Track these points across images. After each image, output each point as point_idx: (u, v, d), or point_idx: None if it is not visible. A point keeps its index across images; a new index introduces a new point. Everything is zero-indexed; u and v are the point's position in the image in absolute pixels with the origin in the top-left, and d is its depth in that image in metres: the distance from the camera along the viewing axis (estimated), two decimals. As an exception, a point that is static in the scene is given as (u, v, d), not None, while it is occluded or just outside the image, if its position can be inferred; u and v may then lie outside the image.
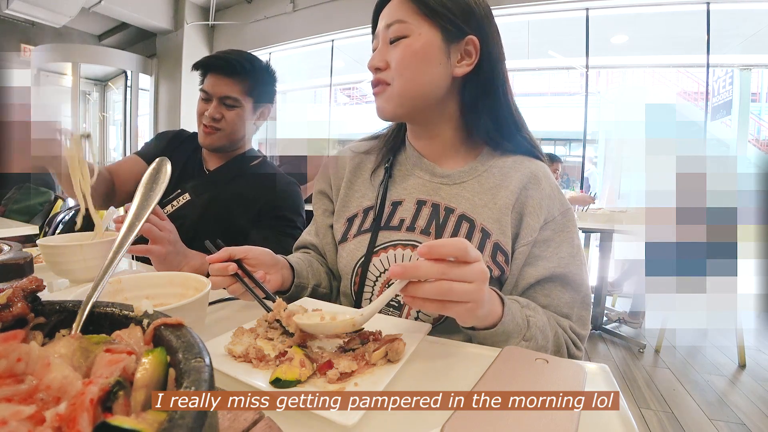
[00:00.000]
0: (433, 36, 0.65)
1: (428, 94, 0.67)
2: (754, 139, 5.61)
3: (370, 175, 0.79)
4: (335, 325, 0.44)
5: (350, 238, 0.75)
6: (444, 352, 0.50)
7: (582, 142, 4.29)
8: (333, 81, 5.43)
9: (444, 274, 0.42)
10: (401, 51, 0.65)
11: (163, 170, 0.43)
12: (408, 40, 0.65)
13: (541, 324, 0.58)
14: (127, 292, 0.52)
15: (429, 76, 0.66)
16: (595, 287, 2.79)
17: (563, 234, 0.67)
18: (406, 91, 0.66)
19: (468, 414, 0.33)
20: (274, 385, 0.37)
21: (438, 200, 0.71)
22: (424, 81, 0.66)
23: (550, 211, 0.67)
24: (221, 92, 1.10)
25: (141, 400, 0.18)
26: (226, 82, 1.10)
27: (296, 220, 1.14)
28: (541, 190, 0.68)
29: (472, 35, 0.66)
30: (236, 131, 1.14)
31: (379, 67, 0.67)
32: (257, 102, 1.17)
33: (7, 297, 0.24)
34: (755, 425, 1.67)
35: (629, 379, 2.09)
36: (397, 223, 0.72)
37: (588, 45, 4.07)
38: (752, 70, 4.90)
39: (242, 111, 1.13)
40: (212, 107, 1.10)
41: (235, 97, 1.10)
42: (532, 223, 0.66)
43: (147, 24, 5.38)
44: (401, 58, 0.65)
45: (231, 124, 1.12)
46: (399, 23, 0.65)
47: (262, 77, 1.16)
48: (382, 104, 0.69)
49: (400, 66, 0.65)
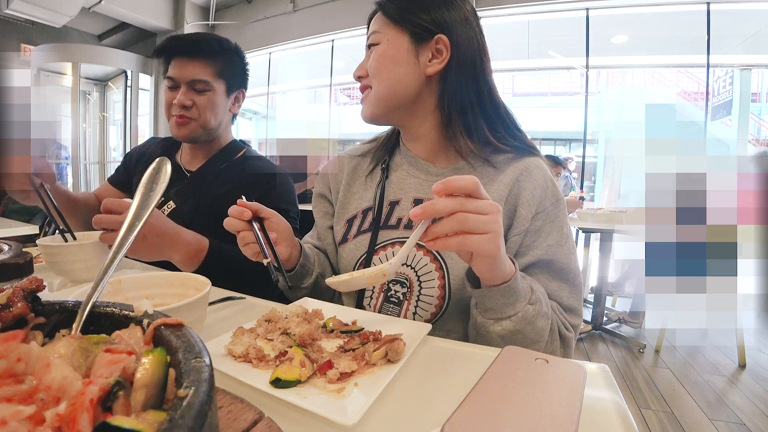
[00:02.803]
0: (400, 39, 0.69)
1: (401, 94, 0.70)
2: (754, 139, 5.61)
3: (365, 177, 0.81)
4: (367, 276, 0.48)
5: (350, 238, 0.77)
6: (444, 352, 0.50)
7: (582, 142, 4.29)
8: (333, 81, 5.43)
9: (461, 206, 0.45)
10: (373, 56, 0.70)
11: (163, 170, 0.43)
12: (379, 47, 0.70)
13: (542, 292, 0.59)
14: (127, 292, 0.52)
15: (399, 75, 0.69)
16: (595, 287, 2.79)
17: (553, 224, 0.68)
18: (380, 93, 0.70)
19: (468, 414, 0.33)
20: (274, 385, 0.37)
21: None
22: (395, 81, 0.69)
23: (542, 202, 0.69)
24: (189, 76, 1.01)
25: (141, 400, 0.18)
26: (193, 64, 1.01)
27: (290, 210, 1.07)
28: (534, 181, 0.69)
29: (442, 34, 0.68)
30: (210, 119, 1.05)
31: (361, 75, 0.73)
32: (230, 85, 1.09)
33: (7, 297, 0.24)
34: (755, 425, 1.67)
35: (629, 379, 2.09)
36: (395, 222, 0.74)
37: (588, 45, 4.06)
38: (752, 70, 4.90)
39: (214, 95, 1.04)
40: (181, 94, 1.01)
41: (205, 79, 1.01)
42: (524, 213, 0.68)
43: (147, 24, 5.38)
44: (373, 62, 0.70)
45: (204, 111, 1.03)
46: (374, 33, 0.71)
47: (232, 58, 1.08)
48: (363, 107, 0.74)
49: (373, 70, 0.70)
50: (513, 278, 0.53)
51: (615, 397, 0.40)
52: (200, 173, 1.10)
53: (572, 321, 0.64)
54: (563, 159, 4.21)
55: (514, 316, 0.54)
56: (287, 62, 5.58)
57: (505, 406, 0.34)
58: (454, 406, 0.34)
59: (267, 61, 5.51)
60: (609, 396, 0.40)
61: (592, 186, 5.67)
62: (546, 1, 3.91)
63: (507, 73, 5.73)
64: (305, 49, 5.36)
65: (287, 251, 0.68)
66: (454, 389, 0.39)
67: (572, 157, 4.69)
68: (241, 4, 5.49)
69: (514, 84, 8.34)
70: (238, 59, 1.11)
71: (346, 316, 0.55)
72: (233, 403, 0.28)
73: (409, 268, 0.70)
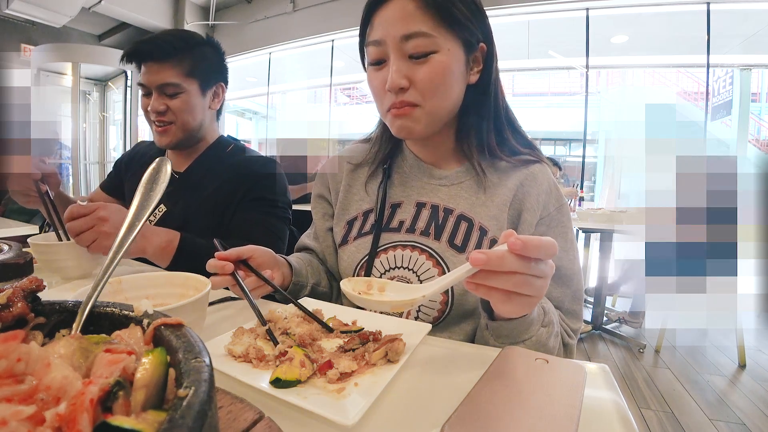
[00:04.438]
0: (459, 50, 0.62)
1: (453, 111, 0.67)
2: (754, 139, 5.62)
3: (367, 177, 0.79)
4: (395, 302, 0.46)
5: (350, 240, 0.75)
6: (444, 352, 0.50)
7: (582, 142, 4.29)
8: (333, 81, 5.44)
9: (527, 269, 0.40)
10: (432, 70, 0.60)
11: (163, 170, 0.43)
12: (439, 57, 0.60)
13: (553, 310, 0.58)
14: (127, 292, 0.52)
15: (457, 92, 0.65)
16: (595, 287, 2.79)
17: (557, 228, 0.67)
18: (437, 111, 0.64)
19: (468, 414, 0.33)
20: (274, 385, 0.37)
21: (437, 201, 0.72)
22: (453, 98, 0.65)
23: (546, 207, 0.68)
24: (158, 80, 0.97)
25: (141, 400, 0.18)
26: (160, 68, 0.97)
27: (278, 199, 1.05)
28: (538, 186, 0.69)
29: (484, 44, 0.66)
30: (189, 121, 1.02)
31: (404, 87, 0.61)
32: (204, 82, 1.04)
33: (7, 297, 0.24)
34: (755, 425, 1.67)
35: (629, 379, 2.09)
36: (397, 225, 0.72)
37: (588, 45, 4.07)
38: (752, 70, 4.90)
39: (188, 96, 1.00)
40: (153, 100, 0.98)
41: (174, 82, 0.98)
42: (529, 218, 0.67)
43: (147, 24, 5.38)
44: (433, 77, 0.60)
45: (180, 114, 1.00)
46: (423, 37, 0.59)
47: (202, 53, 1.03)
48: (411, 125, 0.65)
49: (431, 86, 0.61)
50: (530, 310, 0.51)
51: (615, 397, 0.40)
52: (188, 174, 1.08)
53: (573, 325, 0.64)
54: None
55: (528, 339, 0.53)
56: (287, 62, 5.59)
57: (505, 406, 0.34)
58: (454, 406, 0.34)
59: (267, 61, 5.52)
60: (609, 396, 0.40)
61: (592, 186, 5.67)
62: (546, 1, 3.91)
63: (507, 73, 5.73)
64: (305, 49, 5.37)
65: (279, 277, 0.65)
66: (454, 389, 0.39)
67: (560, 164, 4.70)
68: (241, 4, 5.49)
69: (514, 84, 8.34)
70: (211, 52, 1.06)
71: (346, 316, 0.55)
72: (233, 403, 0.28)
73: (411, 272, 0.68)
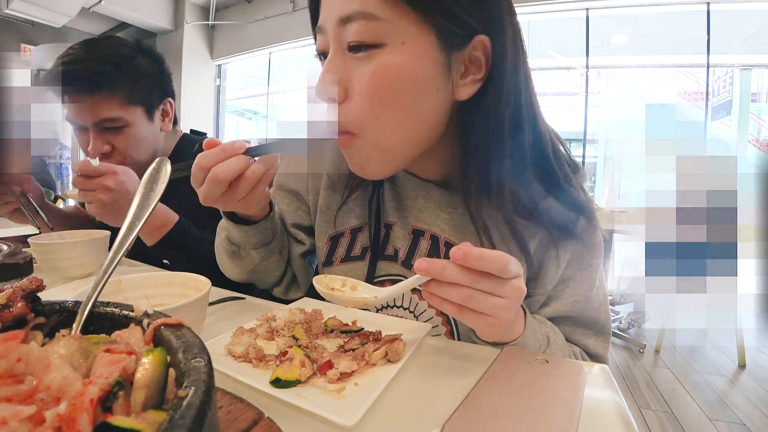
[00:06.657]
0: (425, 43, 0.41)
1: (424, 140, 0.46)
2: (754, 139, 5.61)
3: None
4: (348, 299, 0.45)
5: (336, 262, 0.63)
6: (444, 352, 0.50)
7: (582, 142, 4.29)
8: (333, 81, 5.43)
9: (471, 282, 0.36)
10: (373, 75, 0.40)
11: (163, 170, 0.43)
12: (384, 55, 0.40)
13: (561, 343, 0.53)
14: (127, 292, 0.52)
15: (423, 114, 0.43)
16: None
17: (585, 272, 0.56)
18: (384, 144, 0.44)
19: (468, 414, 0.33)
20: (274, 385, 0.37)
21: (437, 232, 0.59)
22: (415, 124, 0.43)
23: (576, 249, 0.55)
24: (92, 118, 0.81)
25: (141, 400, 0.18)
26: (90, 103, 0.79)
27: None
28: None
29: (482, 33, 0.43)
30: (140, 154, 0.87)
31: (334, 99, 0.42)
32: (149, 104, 0.87)
33: (7, 297, 0.24)
34: (755, 425, 1.67)
35: (629, 379, 2.09)
36: (392, 252, 0.60)
37: (588, 45, 4.07)
38: (752, 70, 4.89)
39: (134, 128, 0.84)
40: (93, 139, 0.81)
41: (113, 116, 0.81)
42: (552, 270, 0.55)
43: (147, 24, 5.37)
44: (374, 89, 0.41)
45: (128, 152, 0.85)
46: (363, 20, 0.39)
47: (137, 69, 0.84)
48: (360, 162, 0.48)
49: (373, 103, 0.41)
50: (522, 336, 0.46)
51: (615, 397, 0.40)
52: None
53: (600, 353, 0.57)
54: None
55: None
56: (287, 62, 5.59)
57: (505, 406, 0.34)
58: (454, 406, 0.34)
59: (267, 61, 5.52)
60: (609, 396, 0.40)
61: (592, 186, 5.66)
62: (546, 1, 3.91)
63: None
64: (305, 49, 5.37)
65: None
66: (454, 389, 0.39)
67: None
68: (241, 4, 5.49)
69: (514, 84, 8.33)
70: (147, 64, 0.87)
71: (346, 316, 0.55)
72: (233, 403, 0.28)
73: (408, 312, 0.60)
